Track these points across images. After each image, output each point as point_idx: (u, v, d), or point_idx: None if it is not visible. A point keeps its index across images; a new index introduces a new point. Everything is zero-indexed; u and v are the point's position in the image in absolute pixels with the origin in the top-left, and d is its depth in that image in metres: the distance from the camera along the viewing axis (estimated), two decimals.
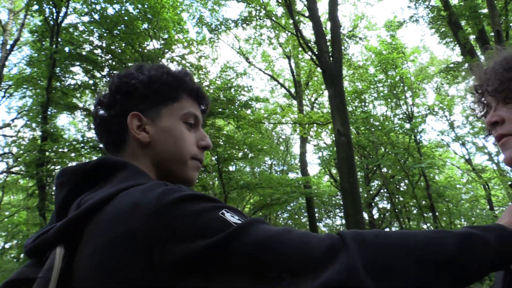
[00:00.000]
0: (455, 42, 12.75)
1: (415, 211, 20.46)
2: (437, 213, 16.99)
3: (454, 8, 10.79)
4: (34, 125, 13.36)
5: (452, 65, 12.84)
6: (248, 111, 15.58)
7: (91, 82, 14.23)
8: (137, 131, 0.94)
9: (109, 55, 13.38)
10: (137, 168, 0.86)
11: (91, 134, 15.51)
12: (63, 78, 13.81)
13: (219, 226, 0.69)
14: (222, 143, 16.36)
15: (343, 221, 22.68)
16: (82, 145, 13.72)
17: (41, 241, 0.76)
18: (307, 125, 16.88)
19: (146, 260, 0.65)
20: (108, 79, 13.66)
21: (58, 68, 13.19)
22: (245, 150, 17.51)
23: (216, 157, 16.95)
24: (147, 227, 0.67)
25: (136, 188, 0.75)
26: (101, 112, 0.98)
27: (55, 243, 0.73)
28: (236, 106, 14.95)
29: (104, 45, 13.23)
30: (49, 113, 13.22)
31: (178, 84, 1.01)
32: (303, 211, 23.51)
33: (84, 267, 0.69)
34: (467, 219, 18.52)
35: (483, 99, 1.22)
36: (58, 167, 13.35)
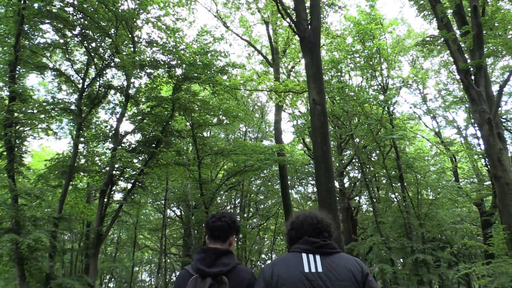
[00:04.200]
0: (433, 16, 12.81)
1: (384, 181, 21.05)
2: (405, 183, 17.51)
3: None
4: (1, 84, 12.85)
5: (428, 39, 12.92)
6: (224, 77, 15.40)
7: (61, 41, 13.69)
8: (233, 242, 2.50)
9: (81, 14, 12.84)
10: (234, 255, 2.37)
11: (62, 95, 15.09)
12: (32, 36, 13.21)
13: None
14: (197, 108, 16.22)
15: (315, 189, 23.16)
16: (52, 106, 13.35)
17: (218, 272, 2.19)
18: (283, 93, 16.86)
19: None
20: (80, 38, 13.19)
21: (27, 26, 12.61)
22: (220, 116, 17.43)
23: (190, 122, 16.83)
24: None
25: (245, 267, 2.32)
26: (222, 226, 2.46)
27: (222, 276, 2.19)
28: (213, 72, 14.74)
29: (76, 2, 12.67)
30: (17, 72, 12.74)
31: (238, 228, 2.57)
32: (276, 178, 23.83)
33: None
34: (433, 189, 19.20)
35: None
36: (28, 128, 13.01)
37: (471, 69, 10.21)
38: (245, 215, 27.91)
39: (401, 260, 17.98)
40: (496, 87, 13.97)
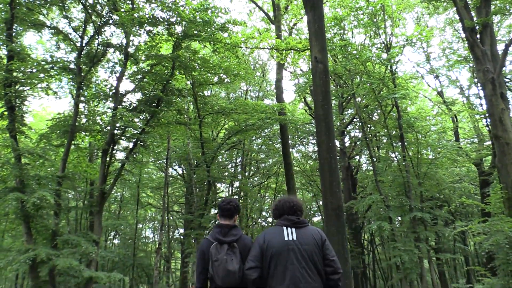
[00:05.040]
0: None
1: (385, 140, 21.10)
2: (405, 143, 17.57)
3: None
4: None
5: None
6: (225, 35, 15.11)
7: None
8: (237, 219, 3.54)
9: None
10: (239, 228, 3.42)
11: (60, 54, 14.87)
12: None
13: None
14: (197, 67, 16.04)
15: (316, 148, 23.29)
16: (51, 65, 13.19)
17: (230, 240, 3.23)
18: (284, 51, 16.60)
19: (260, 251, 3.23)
20: None
21: None
22: (221, 74, 17.25)
23: (191, 81, 16.70)
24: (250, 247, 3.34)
25: (247, 236, 3.42)
26: (230, 208, 3.49)
27: (234, 242, 3.25)
28: (213, 29, 14.44)
29: None
30: (14, 31, 12.49)
31: (240, 210, 3.63)
32: (277, 137, 23.91)
33: (242, 253, 3.23)
34: (433, 149, 19.28)
35: None
36: (27, 88, 12.93)
37: (477, 27, 10.00)
38: (246, 173, 28.22)
39: (399, 218, 18.32)
40: (501, 46, 13.72)
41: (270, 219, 30.48)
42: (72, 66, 13.72)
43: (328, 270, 2.98)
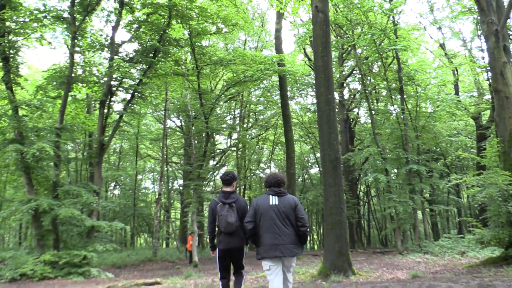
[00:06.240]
0: None
1: (384, 93, 20.98)
2: (405, 96, 17.48)
3: None
4: None
5: None
6: None
7: None
8: (235, 185, 5.08)
9: None
10: (237, 192, 5.07)
11: (53, 2, 14.38)
12: None
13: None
14: (195, 16, 15.63)
15: (314, 100, 23.20)
16: (44, 14, 12.83)
17: (230, 202, 4.76)
18: None
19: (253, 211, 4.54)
20: None
21: None
22: (219, 24, 16.84)
23: (188, 30, 16.33)
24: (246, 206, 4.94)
25: (242, 198, 5.06)
26: (229, 179, 4.95)
27: (233, 203, 4.79)
28: None
29: None
30: None
31: (236, 179, 5.15)
32: (275, 89, 23.73)
33: (238, 210, 4.78)
34: (432, 102, 19.21)
35: None
36: (21, 38, 12.65)
37: None
38: (245, 125, 28.26)
39: (395, 170, 18.58)
40: None
41: (268, 171, 30.91)
42: (65, 15, 13.34)
43: (298, 224, 4.36)
